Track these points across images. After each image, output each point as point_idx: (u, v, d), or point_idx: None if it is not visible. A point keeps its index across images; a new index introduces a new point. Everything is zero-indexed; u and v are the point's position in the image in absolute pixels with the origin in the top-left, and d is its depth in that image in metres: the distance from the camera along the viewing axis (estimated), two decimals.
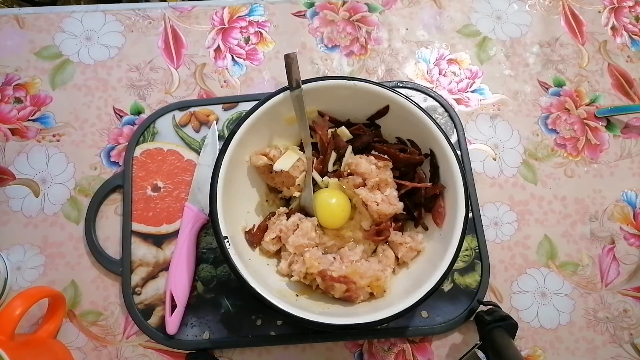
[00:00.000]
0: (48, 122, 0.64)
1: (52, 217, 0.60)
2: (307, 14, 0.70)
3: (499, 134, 0.65)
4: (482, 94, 0.66)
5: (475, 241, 0.59)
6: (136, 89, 0.66)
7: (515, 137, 0.64)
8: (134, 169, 0.61)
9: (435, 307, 0.56)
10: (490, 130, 0.65)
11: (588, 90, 0.67)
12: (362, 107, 0.55)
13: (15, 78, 0.66)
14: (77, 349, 0.56)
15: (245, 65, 0.67)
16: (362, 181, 0.54)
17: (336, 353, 0.56)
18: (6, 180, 0.62)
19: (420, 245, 0.53)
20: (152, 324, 0.56)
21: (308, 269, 0.50)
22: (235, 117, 0.64)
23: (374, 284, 0.50)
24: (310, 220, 0.54)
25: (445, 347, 0.57)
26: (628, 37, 0.69)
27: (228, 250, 0.47)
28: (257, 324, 0.56)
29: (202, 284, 0.57)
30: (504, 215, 0.61)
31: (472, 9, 0.71)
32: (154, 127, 0.63)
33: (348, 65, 0.68)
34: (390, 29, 0.69)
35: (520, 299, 0.58)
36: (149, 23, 0.69)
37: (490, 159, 0.63)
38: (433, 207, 0.53)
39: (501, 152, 0.64)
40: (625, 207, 0.62)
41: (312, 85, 0.52)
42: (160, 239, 0.59)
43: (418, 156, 0.54)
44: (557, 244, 0.60)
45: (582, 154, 0.64)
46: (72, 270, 0.59)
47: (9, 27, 0.68)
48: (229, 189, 0.50)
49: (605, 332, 0.57)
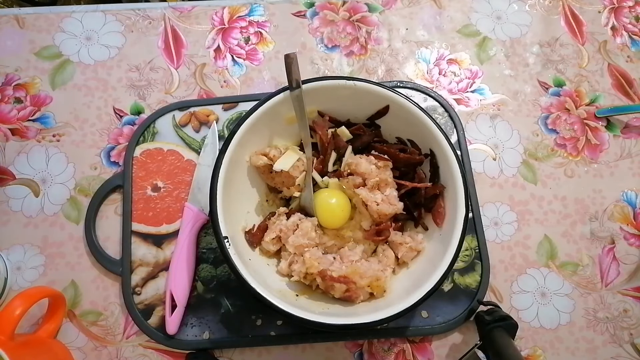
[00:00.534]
0: (48, 122, 0.64)
1: (52, 217, 0.60)
2: (307, 14, 0.70)
3: (499, 134, 0.65)
4: (482, 94, 0.66)
5: (475, 241, 0.59)
6: (136, 89, 0.66)
7: (515, 137, 0.64)
8: (134, 169, 0.61)
9: (435, 307, 0.56)
10: (490, 130, 0.65)
11: (588, 90, 0.67)
12: (362, 107, 0.55)
13: (15, 78, 0.66)
14: (77, 349, 0.56)
15: (245, 65, 0.67)
16: (362, 181, 0.54)
17: (336, 353, 0.56)
18: (6, 180, 0.62)
19: (420, 245, 0.53)
20: (152, 324, 0.56)
21: (308, 269, 0.50)
22: (235, 117, 0.64)
23: (374, 284, 0.50)
24: (310, 220, 0.54)
25: (445, 347, 0.57)
26: (628, 37, 0.69)
27: (228, 250, 0.47)
28: (257, 324, 0.56)
29: (202, 284, 0.57)
30: (504, 215, 0.61)
31: (472, 9, 0.71)
32: (154, 127, 0.63)
33: (348, 65, 0.68)
34: (390, 29, 0.69)
35: (520, 299, 0.58)
36: (149, 23, 0.69)
37: (490, 159, 0.63)
38: (433, 207, 0.53)
39: (501, 152, 0.64)
40: (625, 207, 0.62)
41: (312, 85, 0.52)
42: (160, 239, 0.59)
43: (418, 156, 0.54)
44: (557, 244, 0.60)
45: (582, 154, 0.64)
46: (72, 270, 0.59)
47: (9, 27, 0.68)
48: (229, 189, 0.50)
49: (605, 332, 0.57)
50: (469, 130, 0.65)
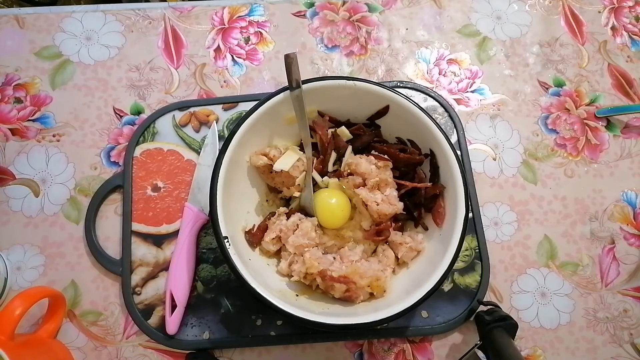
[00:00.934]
0: (48, 122, 0.64)
1: (52, 217, 0.60)
2: (307, 14, 0.70)
3: (499, 134, 0.65)
4: (482, 94, 0.66)
5: (475, 241, 0.59)
6: (136, 89, 0.66)
7: (515, 137, 0.64)
8: (134, 169, 0.61)
9: (435, 307, 0.56)
10: (490, 130, 0.65)
11: (588, 90, 0.67)
12: (362, 107, 0.55)
13: (15, 78, 0.66)
14: (77, 349, 0.56)
15: (245, 65, 0.67)
16: (362, 181, 0.54)
17: (336, 353, 0.56)
18: (6, 180, 0.62)
19: (420, 245, 0.53)
20: (152, 324, 0.56)
21: (308, 269, 0.50)
22: (235, 117, 0.64)
23: (374, 284, 0.50)
24: (310, 220, 0.54)
25: (445, 347, 0.57)
26: (628, 37, 0.69)
27: (228, 250, 0.47)
28: (257, 324, 0.56)
29: (202, 284, 0.57)
30: (504, 215, 0.61)
31: (472, 9, 0.71)
32: (154, 127, 0.63)
33: (348, 65, 0.68)
34: (390, 29, 0.69)
35: (520, 299, 0.58)
36: (149, 23, 0.69)
37: (490, 159, 0.63)
38: (433, 207, 0.53)
39: (501, 152, 0.64)
40: (625, 207, 0.62)
41: (312, 85, 0.52)
42: (160, 239, 0.59)
43: (418, 156, 0.54)
44: (557, 244, 0.60)
45: (582, 154, 0.64)
46: (72, 270, 0.59)
47: (9, 27, 0.68)
48: (229, 189, 0.50)
49: (605, 332, 0.57)
50: (469, 130, 0.65)
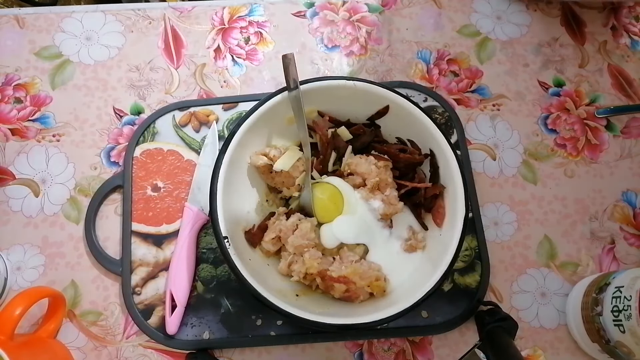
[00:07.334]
0: (48, 122, 0.64)
1: (52, 217, 0.60)
2: (307, 14, 0.70)
3: (499, 134, 0.65)
4: (482, 94, 0.66)
5: (475, 241, 0.59)
6: (136, 89, 0.66)
7: (515, 137, 0.64)
8: (134, 169, 0.61)
9: (435, 307, 0.56)
10: (490, 130, 0.65)
11: (588, 90, 0.67)
12: (362, 107, 0.55)
13: (15, 78, 0.66)
14: (77, 349, 0.56)
15: (245, 65, 0.67)
16: (362, 181, 0.54)
17: (336, 353, 0.56)
18: (6, 180, 0.62)
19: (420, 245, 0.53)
20: (152, 324, 0.56)
21: (308, 269, 0.50)
22: (235, 117, 0.64)
23: (374, 284, 0.50)
24: (310, 220, 0.53)
25: (445, 347, 0.57)
26: (628, 37, 0.69)
27: (228, 250, 0.47)
28: (257, 324, 0.56)
29: (202, 284, 0.57)
30: (504, 215, 0.61)
31: (472, 9, 0.71)
32: (154, 127, 0.63)
33: (348, 65, 0.68)
34: (390, 29, 0.69)
35: (520, 299, 0.58)
36: (149, 23, 0.69)
37: (490, 159, 0.63)
38: (433, 207, 0.53)
39: (501, 152, 0.64)
40: (625, 207, 0.62)
41: (312, 85, 0.52)
42: (160, 239, 0.59)
43: (418, 156, 0.54)
44: (557, 244, 0.60)
45: (582, 154, 0.64)
46: (72, 270, 0.59)
47: (9, 27, 0.68)
48: (229, 189, 0.50)
49: None
50: (469, 130, 0.65)
